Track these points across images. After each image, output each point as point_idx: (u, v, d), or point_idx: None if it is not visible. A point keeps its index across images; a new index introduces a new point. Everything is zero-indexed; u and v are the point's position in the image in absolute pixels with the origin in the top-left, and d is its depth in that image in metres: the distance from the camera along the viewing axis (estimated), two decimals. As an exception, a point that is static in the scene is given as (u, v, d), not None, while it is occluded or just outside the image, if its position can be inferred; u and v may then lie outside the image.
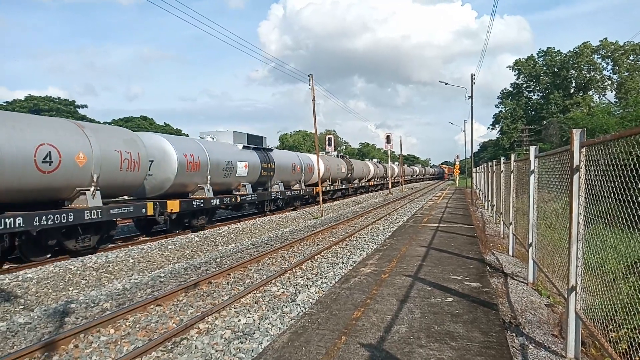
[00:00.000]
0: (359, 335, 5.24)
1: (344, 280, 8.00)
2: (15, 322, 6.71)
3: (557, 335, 5.56)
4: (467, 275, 8.07)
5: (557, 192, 6.45)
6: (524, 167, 9.47)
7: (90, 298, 8.07)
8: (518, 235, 10.08)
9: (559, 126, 58.81)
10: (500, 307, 6.31)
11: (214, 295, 8.04)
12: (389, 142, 45.88)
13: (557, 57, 78.43)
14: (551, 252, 6.63)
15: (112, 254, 11.21)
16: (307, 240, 14.29)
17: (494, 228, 15.66)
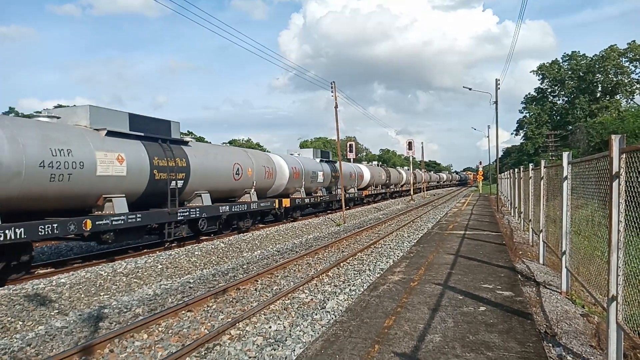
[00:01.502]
0: (392, 344, 5.20)
1: (372, 288, 7.96)
2: (52, 326, 6.89)
3: (596, 346, 5.42)
4: (499, 284, 7.94)
5: (590, 198, 6.32)
6: (554, 173, 9.30)
7: (122, 303, 8.22)
8: (549, 243, 9.88)
9: (586, 131, 57.51)
10: (534, 316, 6.19)
11: (243, 302, 8.09)
12: (411, 148, 45.63)
13: (582, 61, 76.94)
14: (586, 261, 6.48)
15: (140, 259, 11.40)
16: (331, 247, 14.28)
17: (522, 235, 15.37)
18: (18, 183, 9.15)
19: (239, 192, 17.59)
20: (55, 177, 9.87)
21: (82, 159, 10.54)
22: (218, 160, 15.95)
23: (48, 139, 9.93)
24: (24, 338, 6.42)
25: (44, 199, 9.93)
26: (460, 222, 19.54)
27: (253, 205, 17.57)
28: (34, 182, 9.46)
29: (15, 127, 9.48)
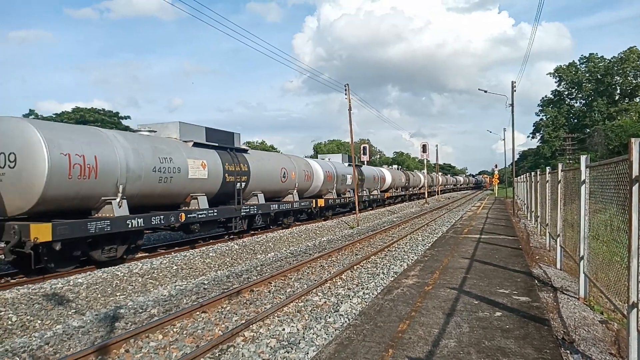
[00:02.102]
0: (406, 348, 5.17)
1: (386, 292, 7.92)
2: (70, 326, 6.99)
3: (616, 354, 5.32)
4: (515, 289, 7.84)
5: (609, 203, 6.21)
6: (572, 177, 9.16)
7: (137, 304, 8.31)
8: (566, 247, 9.73)
9: (604, 134, 56.58)
10: (552, 322, 6.09)
11: (257, 304, 8.12)
12: (425, 151, 45.39)
13: (600, 63, 75.82)
14: (605, 266, 6.36)
15: (156, 260, 11.52)
16: (345, 250, 14.25)
17: (539, 240, 15.16)
18: (139, 184, 11.82)
19: (284, 192, 20.12)
20: (162, 179, 12.55)
21: (179, 165, 13.20)
22: (269, 165, 18.68)
23: (157, 149, 12.61)
24: (42, 337, 6.53)
25: (153, 197, 12.61)
26: (475, 226, 19.36)
27: (295, 205, 20.17)
28: (149, 183, 12.14)
29: (136, 141, 12.20)
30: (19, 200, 9.61)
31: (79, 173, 10.18)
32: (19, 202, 9.62)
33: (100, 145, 10.93)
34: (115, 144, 11.33)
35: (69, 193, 10.14)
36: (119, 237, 11.31)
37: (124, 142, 11.66)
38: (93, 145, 10.72)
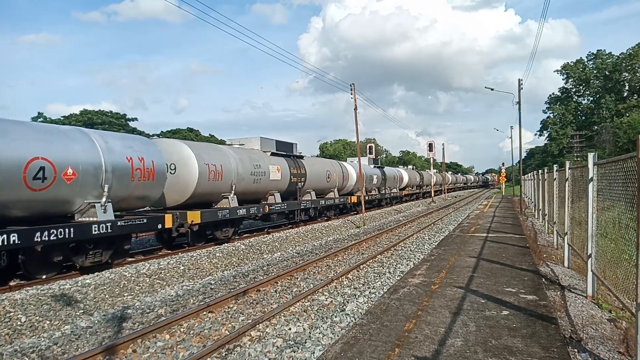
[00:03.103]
0: (412, 347, 5.16)
1: (392, 291, 7.91)
2: (78, 326, 7.05)
3: (624, 352, 5.27)
4: (522, 288, 7.80)
5: (617, 200, 6.15)
6: (579, 174, 9.09)
7: (145, 304, 8.35)
8: (574, 245, 9.66)
9: (612, 131, 56.10)
10: (559, 321, 6.05)
11: (263, 303, 8.14)
12: (432, 149, 45.24)
13: (608, 60, 75.19)
14: (613, 264, 6.31)
15: (163, 261, 11.57)
16: (351, 249, 14.25)
17: (546, 238, 15.06)
18: (243, 184, 16.25)
19: (327, 191, 24.29)
20: (255, 180, 16.97)
21: (264, 170, 17.66)
22: (318, 168, 22.90)
23: (251, 159, 17.15)
24: (51, 337, 6.58)
25: (249, 193, 17.05)
26: (482, 225, 19.28)
27: (336, 200, 24.39)
28: (248, 183, 16.56)
29: (239, 153, 16.74)
30: (177, 195, 13.96)
31: (213, 177, 14.51)
32: (176, 197, 13.99)
33: (222, 157, 15.31)
34: (229, 155, 15.78)
35: (207, 191, 14.51)
36: (230, 223, 15.51)
37: (234, 154, 16.18)
38: (219, 157, 15.05)
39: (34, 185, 9.15)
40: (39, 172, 9.20)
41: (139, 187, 11.75)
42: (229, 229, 15.47)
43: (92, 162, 10.38)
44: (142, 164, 11.75)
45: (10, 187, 8.74)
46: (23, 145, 9.08)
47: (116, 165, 10.95)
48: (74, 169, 9.94)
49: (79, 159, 10.09)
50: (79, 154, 10.14)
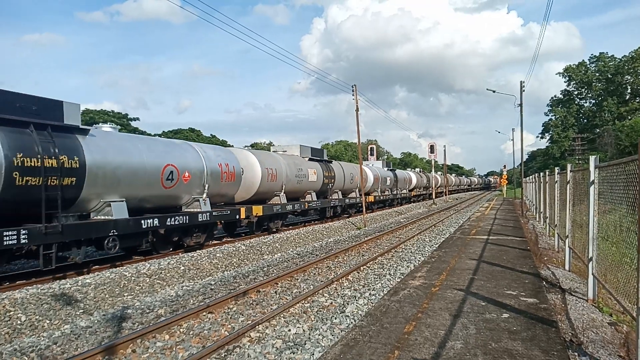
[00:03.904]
0: (412, 350, 5.14)
1: (392, 293, 7.90)
2: (77, 326, 7.05)
3: (624, 356, 5.25)
4: (523, 291, 7.78)
5: (618, 203, 6.14)
6: (581, 177, 9.07)
7: (145, 304, 8.35)
8: (575, 249, 9.64)
9: (614, 134, 55.99)
10: (560, 324, 6.04)
11: (263, 304, 8.13)
12: (433, 151, 45.24)
13: (610, 63, 75.08)
14: (614, 267, 6.29)
15: (164, 261, 11.57)
16: (351, 251, 14.23)
17: (548, 241, 15.03)
18: (289, 184, 19.45)
19: (349, 191, 27.57)
20: (298, 181, 20.36)
21: (305, 173, 21.06)
22: (344, 171, 26.39)
23: (295, 164, 20.42)
24: (50, 336, 6.58)
25: (292, 192, 20.06)
26: (483, 227, 19.25)
27: (358, 200, 27.28)
28: (293, 184, 19.88)
29: (286, 158, 19.93)
30: (244, 193, 17.18)
31: (270, 178, 17.87)
32: (243, 194, 17.20)
33: (276, 162, 18.69)
34: (280, 161, 19.10)
35: (265, 190, 17.91)
36: (280, 216, 18.83)
37: (282, 160, 19.40)
38: (273, 162, 18.42)
39: (166, 184, 12.55)
40: (169, 174, 12.58)
41: (224, 186, 15.26)
42: (279, 221, 18.88)
43: (198, 167, 13.73)
44: (227, 168, 15.26)
45: (152, 186, 12.13)
46: (160, 156, 12.46)
47: (212, 169, 14.33)
48: (189, 172, 13.29)
49: (191, 165, 13.47)
50: (190, 161, 13.52)
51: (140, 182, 11.63)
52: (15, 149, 8.82)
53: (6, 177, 8.63)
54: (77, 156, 9.99)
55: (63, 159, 9.62)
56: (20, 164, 8.84)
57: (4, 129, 8.84)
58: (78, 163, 9.97)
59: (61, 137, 9.85)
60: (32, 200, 9.09)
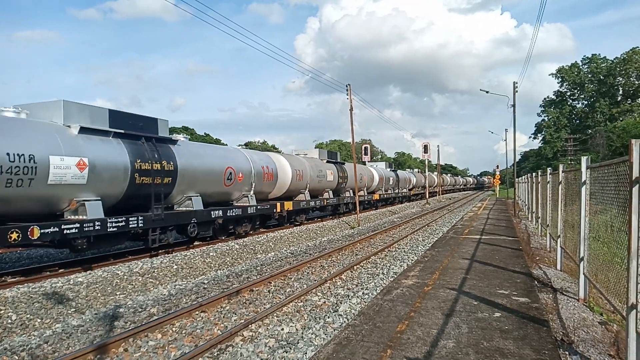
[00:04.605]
0: (404, 349, 5.16)
1: (385, 292, 7.92)
2: (69, 324, 7.00)
3: (614, 355, 5.30)
4: (515, 290, 7.82)
5: (610, 204, 6.19)
6: (573, 178, 9.14)
7: (137, 303, 8.32)
8: (567, 248, 9.71)
9: (606, 135, 56.43)
10: (551, 323, 6.08)
11: (256, 303, 8.12)
12: (427, 151, 45.36)
13: (602, 64, 75.65)
14: (605, 267, 6.34)
15: (157, 259, 11.52)
16: (345, 250, 14.25)
17: (540, 241, 15.13)
18: (312, 183, 22.12)
19: (362, 189, 30.76)
20: (319, 181, 23.18)
21: (324, 173, 24.01)
22: (364, 173, 30.98)
23: (317, 165, 23.33)
24: (41, 335, 6.54)
25: (313, 190, 22.77)
26: (476, 227, 19.34)
27: (366, 197, 31.40)
28: (315, 182, 22.64)
29: (309, 161, 22.56)
30: (276, 191, 19.62)
31: (298, 178, 20.46)
32: (276, 192, 19.67)
33: (302, 164, 21.38)
34: (305, 163, 21.75)
35: (294, 188, 20.45)
36: (304, 211, 21.73)
37: (306, 162, 22.10)
38: (300, 164, 21.20)
39: (227, 183, 15.48)
40: (229, 175, 15.54)
41: (265, 185, 18.06)
42: (303, 215, 21.55)
43: (248, 169, 16.73)
44: (267, 170, 18.20)
45: (217, 184, 14.99)
46: (222, 160, 15.52)
47: (257, 171, 17.29)
48: (242, 173, 16.33)
49: (243, 167, 16.49)
50: (242, 164, 16.53)
51: (209, 181, 14.62)
52: (135, 156, 11.61)
53: (130, 178, 11.44)
54: (172, 161, 12.83)
55: (164, 164, 12.48)
56: (138, 167, 11.63)
57: (127, 141, 11.63)
58: (173, 166, 12.82)
59: (161, 147, 12.68)
60: (144, 195, 11.96)
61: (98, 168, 10.56)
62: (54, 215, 10.39)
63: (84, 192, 10.39)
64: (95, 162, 10.49)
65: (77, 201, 10.33)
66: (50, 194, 9.75)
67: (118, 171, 11.14)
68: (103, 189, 10.83)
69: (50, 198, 9.86)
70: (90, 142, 10.65)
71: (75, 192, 10.23)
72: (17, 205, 9.26)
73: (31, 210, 9.75)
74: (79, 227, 9.93)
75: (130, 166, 11.34)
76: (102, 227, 10.47)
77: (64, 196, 10.10)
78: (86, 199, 10.45)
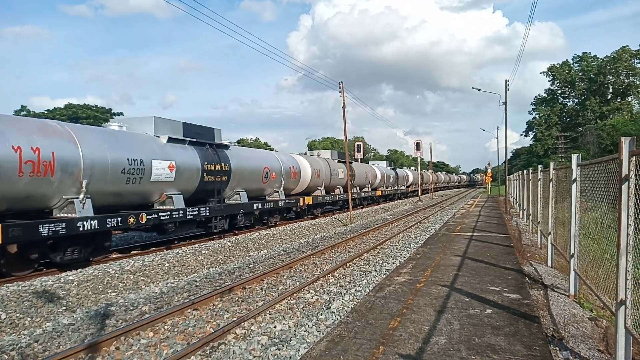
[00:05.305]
0: (397, 345, 5.18)
1: (378, 289, 7.94)
2: (60, 323, 6.94)
3: (604, 350, 5.36)
4: (506, 287, 7.88)
5: (600, 201, 6.25)
6: (563, 175, 9.21)
7: (129, 301, 8.27)
8: (557, 245, 9.80)
9: (597, 133, 56.94)
10: (542, 320, 6.13)
11: (249, 301, 8.11)
12: (419, 149, 45.47)
13: (593, 63, 76.25)
14: (595, 264, 6.40)
15: (148, 257, 11.47)
16: (338, 248, 14.27)
17: (531, 238, 15.25)
18: (327, 181, 25.00)
19: (363, 187, 33.12)
20: (332, 179, 25.48)
21: (336, 172, 26.67)
22: (361, 170, 31.86)
23: (330, 165, 25.85)
24: (31, 334, 6.48)
25: (328, 187, 25.39)
26: (468, 224, 19.44)
27: (370, 193, 34.22)
28: (328, 180, 25.14)
29: (324, 161, 25.55)
30: (299, 187, 22.25)
31: (316, 177, 23.32)
32: (298, 188, 22.28)
33: (319, 164, 24.17)
34: (321, 163, 24.76)
35: (312, 185, 23.33)
36: (320, 205, 24.79)
37: (322, 162, 25.03)
38: (317, 164, 23.97)
39: (264, 180, 18.45)
40: (266, 174, 18.50)
41: (291, 182, 20.93)
42: (319, 209, 24.62)
43: (278, 169, 19.61)
44: (293, 169, 21.11)
45: (256, 181, 18.01)
46: (260, 161, 18.52)
47: (285, 170, 20.22)
48: (275, 172, 19.27)
49: (275, 166, 19.39)
50: (275, 164, 19.48)
51: (252, 179, 17.65)
52: (204, 159, 14.56)
53: (201, 177, 14.39)
54: (227, 163, 15.89)
55: (222, 165, 15.55)
56: (206, 168, 14.58)
57: (197, 147, 14.63)
58: (228, 167, 15.88)
59: (219, 151, 15.83)
60: (208, 190, 14.93)
61: (181, 169, 13.45)
62: (147, 205, 13.14)
63: (171, 187, 13.33)
64: (179, 165, 13.36)
65: (166, 195, 13.23)
66: (150, 189, 12.63)
67: (193, 171, 14.07)
68: (183, 185, 13.76)
69: (149, 192, 12.73)
70: (175, 149, 13.61)
71: (165, 188, 13.13)
72: (128, 198, 12.15)
73: (134, 202, 12.49)
74: (169, 215, 12.84)
75: (201, 167, 14.35)
76: (184, 215, 13.38)
77: (157, 191, 12.98)
78: (172, 193, 13.38)
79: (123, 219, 11.22)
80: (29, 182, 9.24)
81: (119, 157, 11.31)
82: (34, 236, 9.10)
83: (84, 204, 10.38)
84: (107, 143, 11.23)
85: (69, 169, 10.03)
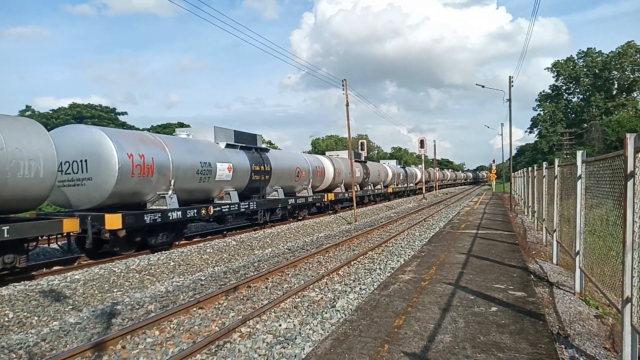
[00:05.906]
0: (402, 343, 5.19)
1: (382, 287, 7.94)
2: (66, 322, 6.99)
3: (610, 348, 5.34)
4: (511, 284, 7.87)
5: (605, 198, 6.22)
6: (568, 172, 9.17)
7: (134, 300, 8.31)
8: (563, 242, 9.76)
9: (602, 129, 56.61)
10: (547, 317, 6.12)
11: (254, 299, 8.13)
12: (423, 146, 45.38)
13: (598, 58, 75.74)
14: (601, 261, 6.38)
15: (153, 256, 11.52)
16: (342, 246, 14.27)
17: (536, 235, 15.21)
18: (345, 179, 26.74)
19: (376, 184, 34.50)
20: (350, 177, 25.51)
21: (354, 171, 26.75)
22: (374, 169, 33.58)
23: (346, 164, 26.45)
24: (39, 333, 6.53)
25: (346, 184, 26.72)
26: (472, 221, 19.40)
27: (382, 190, 35.55)
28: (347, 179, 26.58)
29: (343, 160, 27.51)
30: (322, 185, 24.63)
31: (337, 175, 25.56)
32: (322, 186, 24.66)
33: (339, 164, 26.39)
34: (340, 163, 26.64)
35: (333, 183, 25.52)
36: (340, 202, 26.36)
37: (341, 161, 27.01)
38: (338, 164, 26.22)
39: (295, 179, 20.85)
40: (297, 173, 20.88)
41: (317, 180, 23.39)
42: (339, 204, 26.36)
43: (307, 168, 21.93)
44: (318, 169, 23.46)
45: (289, 180, 20.34)
46: (293, 162, 20.96)
47: (312, 170, 22.50)
48: (304, 171, 21.56)
49: (304, 167, 21.67)
50: (304, 165, 21.79)
51: (287, 177, 19.93)
52: (251, 161, 17.11)
53: (249, 177, 16.90)
54: (268, 164, 18.29)
55: (265, 166, 17.96)
56: (254, 169, 17.15)
57: (246, 151, 17.15)
58: (269, 167, 18.28)
59: (262, 154, 18.23)
60: (253, 188, 17.44)
61: (236, 170, 16.03)
62: (209, 200, 15.59)
63: (229, 185, 15.92)
64: (235, 166, 15.99)
65: (225, 191, 15.77)
66: (214, 187, 15.18)
67: (245, 172, 16.62)
68: (237, 183, 16.29)
69: (212, 189, 15.28)
70: (231, 153, 16.26)
71: (224, 186, 15.65)
72: (197, 194, 14.69)
73: (200, 198, 15.01)
74: (228, 208, 15.41)
75: (250, 168, 16.91)
76: (238, 208, 15.90)
77: (219, 188, 15.52)
78: (230, 190, 15.97)
79: (198, 211, 13.74)
80: (138, 182, 11.91)
81: (194, 160, 13.94)
82: (141, 223, 11.58)
83: (172, 198, 12.91)
84: (185, 149, 13.84)
85: (162, 171, 12.63)
